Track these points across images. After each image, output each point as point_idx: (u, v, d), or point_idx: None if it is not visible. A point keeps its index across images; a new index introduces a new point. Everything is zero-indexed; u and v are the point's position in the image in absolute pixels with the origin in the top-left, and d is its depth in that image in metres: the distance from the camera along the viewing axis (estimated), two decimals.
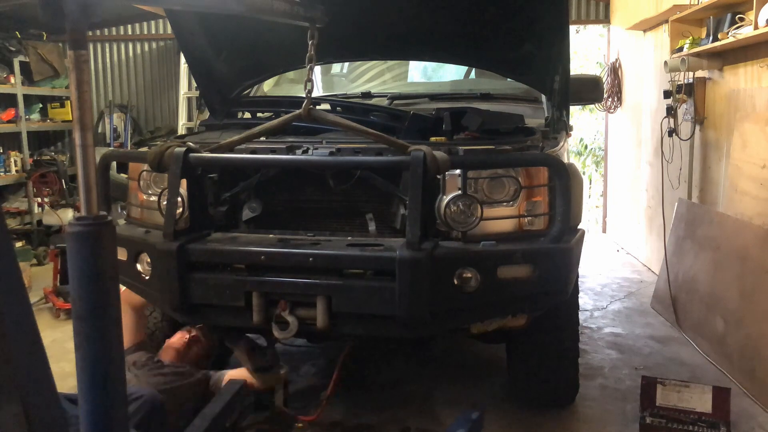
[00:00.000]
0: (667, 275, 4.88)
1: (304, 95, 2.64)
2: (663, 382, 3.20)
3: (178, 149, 2.62)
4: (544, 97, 3.75)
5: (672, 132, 5.30)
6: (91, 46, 8.47)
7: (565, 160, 3.12)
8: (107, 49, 8.65)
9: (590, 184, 10.19)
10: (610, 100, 7.50)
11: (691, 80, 5.04)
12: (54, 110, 8.31)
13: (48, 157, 7.92)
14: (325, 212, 2.90)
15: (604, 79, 7.16)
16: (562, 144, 3.13)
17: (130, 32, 8.59)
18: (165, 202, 2.66)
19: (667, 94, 5.29)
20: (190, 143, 2.69)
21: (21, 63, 7.65)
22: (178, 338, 3.29)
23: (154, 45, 8.61)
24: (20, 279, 1.26)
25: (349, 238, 2.67)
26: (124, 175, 3.65)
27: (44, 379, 1.29)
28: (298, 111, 2.66)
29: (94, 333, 1.34)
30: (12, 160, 7.48)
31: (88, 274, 1.33)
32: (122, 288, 3.06)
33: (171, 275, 2.55)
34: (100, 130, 8.48)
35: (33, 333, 1.27)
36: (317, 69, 4.43)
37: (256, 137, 2.79)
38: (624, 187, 7.51)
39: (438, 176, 2.49)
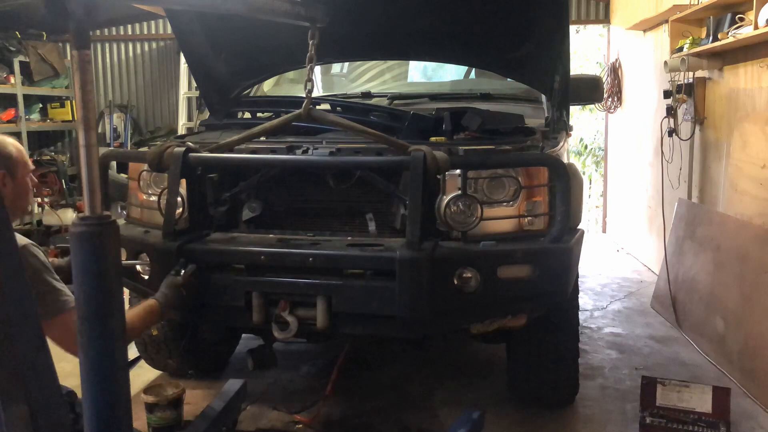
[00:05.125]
0: (667, 275, 4.88)
1: (304, 95, 2.64)
2: (663, 382, 3.20)
3: (177, 149, 2.62)
4: (544, 97, 3.75)
5: (672, 132, 5.30)
6: (91, 46, 8.47)
7: (565, 160, 3.12)
8: (107, 49, 8.64)
9: (590, 184, 10.19)
10: (610, 100, 7.51)
11: (691, 80, 5.05)
12: (54, 110, 8.30)
13: (48, 157, 7.92)
14: (325, 212, 2.90)
15: (604, 79, 7.16)
16: (562, 144, 3.13)
17: (130, 32, 8.58)
18: (165, 202, 2.66)
19: (667, 94, 5.29)
20: (190, 143, 2.70)
21: (21, 63, 7.65)
22: None
23: (154, 45, 8.61)
24: (24, 280, 1.27)
25: (349, 238, 2.67)
26: (124, 175, 3.65)
27: (49, 380, 1.30)
28: (298, 111, 2.67)
29: (98, 332, 1.35)
30: None
31: (93, 274, 1.34)
32: None
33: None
34: (100, 130, 8.46)
35: (38, 334, 1.28)
36: (317, 69, 4.43)
37: (256, 137, 2.80)
38: (624, 187, 7.51)
39: (438, 176, 2.49)
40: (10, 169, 2.20)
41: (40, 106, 8.25)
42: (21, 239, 2.31)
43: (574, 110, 9.44)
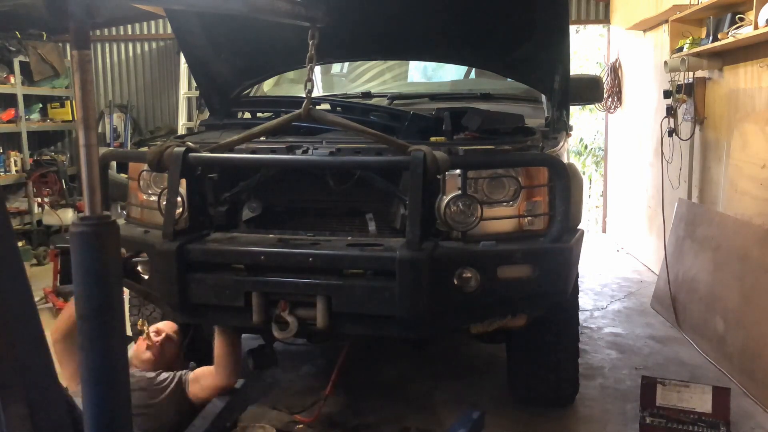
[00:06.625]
0: (667, 275, 4.88)
1: (304, 95, 2.64)
2: (663, 382, 3.20)
3: (177, 149, 2.62)
4: (544, 97, 3.75)
5: (672, 132, 5.31)
6: (91, 46, 8.47)
7: (565, 160, 3.12)
8: (107, 49, 8.65)
9: (590, 184, 10.19)
10: (610, 100, 7.51)
11: (691, 80, 5.05)
12: (54, 110, 8.31)
13: (48, 157, 7.93)
14: (325, 212, 2.90)
15: (604, 79, 7.16)
16: (562, 144, 3.13)
17: (130, 32, 8.58)
18: (165, 202, 2.66)
19: (667, 94, 5.29)
20: (190, 143, 2.70)
21: (21, 63, 7.65)
22: (143, 345, 3.01)
23: (154, 45, 8.61)
24: (26, 280, 1.27)
25: (349, 238, 2.67)
26: (124, 175, 3.65)
27: (49, 379, 1.30)
28: (298, 111, 2.66)
29: (98, 333, 1.34)
30: (12, 160, 7.48)
31: (93, 274, 1.33)
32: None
33: (170, 275, 2.55)
34: (100, 130, 8.47)
35: (38, 333, 1.28)
36: (317, 69, 4.43)
37: (256, 137, 2.79)
38: (624, 187, 7.51)
39: (438, 176, 2.49)
40: None
41: (40, 106, 8.26)
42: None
43: (574, 110, 9.44)
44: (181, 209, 2.69)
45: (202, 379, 2.92)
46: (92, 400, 1.36)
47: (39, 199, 7.57)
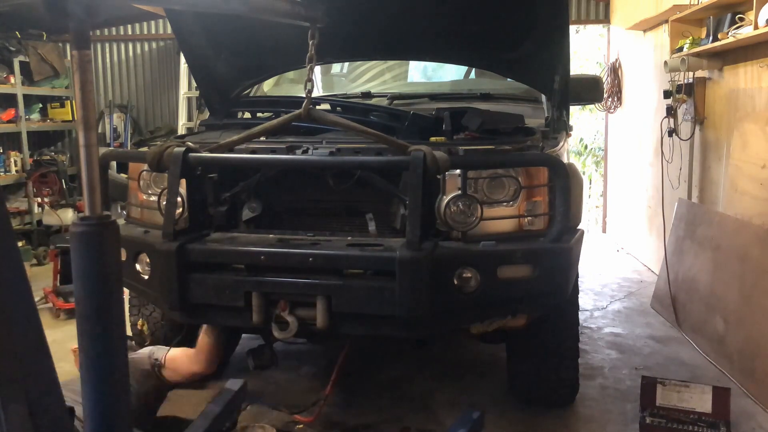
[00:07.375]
0: (667, 275, 4.88)
1: (304, 95, 2.64)
2: (663, 382, 3.20)
3: (177, 149, 2.62)
4: (544, 97, 3.75)
5: (672, 132, 5.31)
6: (91, 46, 8.47)
7: (565, 160, 3.12)
8: (107, 49, 8.65)
9: (590, 184, 10.19)
10: (610, 100, 7.51)
11: (691, 80, 5.05)
12: (54, 110, 8.31)
13: (48, 157, 7.92)
14: (325, 212, 2.90)
15: (604, 79, 7.16)
16: (562, 144, 3.14)
17: (130, 32, 8.58)
18: (165, 202, 2.66)
19: (667, 94, 5.29)
20: (190, 143, 2.70)
21: (21, 63, 7.65)
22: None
23: (154, 45, 8.61)
24: (26, 280, 1.27)
25: (349, 238, 2.67)
26: (124, 175, 3.65)
27: (49, 379, 1.30)
28: (298, 111, 2.67)
29: (98, 332, 1.35)
30: (12, 160, 7.48)
31: (92, 274, 1.33)
32: None
33: (170, 275, 2.55)
34: (100, 130, 8.47)
35: (38, 333, 1.28)
36: (317, 69, 4.43)
37: (256, 137, 2.80)
38: (624, 187, 7.51)
39: (438, 176, 2.49)
40: None
41: (40, 106, 8.25)
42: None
43: (574, 110, 9.44)
44: (181, 209, 2.69)
45: (177, 363, 2.93)
46: (92, 398, 1.36)
47: (39, 199, 7.57)
